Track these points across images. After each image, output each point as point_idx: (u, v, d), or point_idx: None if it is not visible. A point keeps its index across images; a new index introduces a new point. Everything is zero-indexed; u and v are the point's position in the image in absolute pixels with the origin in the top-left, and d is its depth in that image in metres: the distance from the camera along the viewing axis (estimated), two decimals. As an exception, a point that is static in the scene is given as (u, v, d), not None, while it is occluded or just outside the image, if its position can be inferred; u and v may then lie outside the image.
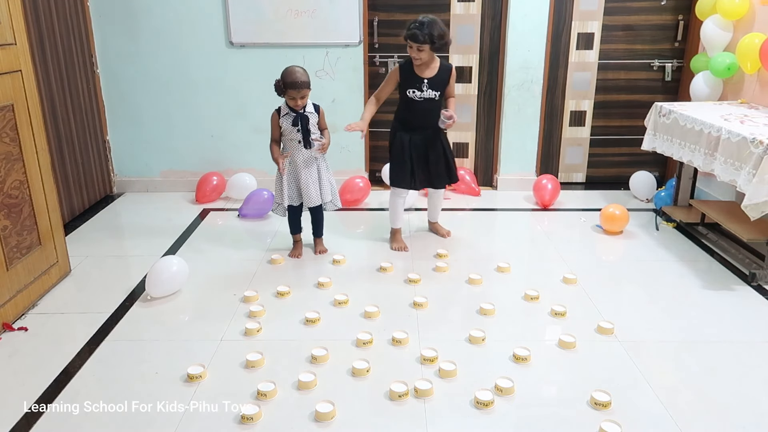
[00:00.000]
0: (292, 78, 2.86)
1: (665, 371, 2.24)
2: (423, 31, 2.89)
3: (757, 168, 2.62)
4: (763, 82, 3.48)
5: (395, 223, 3.31)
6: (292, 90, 2.87)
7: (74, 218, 3.78)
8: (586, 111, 4.38)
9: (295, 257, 3.16)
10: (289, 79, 2.86)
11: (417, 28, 2.90)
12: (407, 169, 3.14)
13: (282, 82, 2.89)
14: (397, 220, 3.29)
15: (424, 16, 2.94)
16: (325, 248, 3.23)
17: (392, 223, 3.32)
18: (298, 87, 2.87)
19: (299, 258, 3.15)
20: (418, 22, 2.92)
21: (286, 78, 2.87)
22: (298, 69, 2.89)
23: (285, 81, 2.88)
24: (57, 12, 3.57)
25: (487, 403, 2.01)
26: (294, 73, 2.87)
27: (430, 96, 3.06)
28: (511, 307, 2.68)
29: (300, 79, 2.86)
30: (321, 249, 3.23)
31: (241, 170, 4.24)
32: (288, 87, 2.87)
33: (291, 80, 2.86)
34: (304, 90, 2.89)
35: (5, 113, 2.54)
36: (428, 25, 2.90)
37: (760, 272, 2.92)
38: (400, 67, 3.10)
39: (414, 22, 2.93)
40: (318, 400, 2.01)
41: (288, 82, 2.87)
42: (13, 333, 2.48)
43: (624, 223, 3.51)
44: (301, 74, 2.88)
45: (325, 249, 3.23)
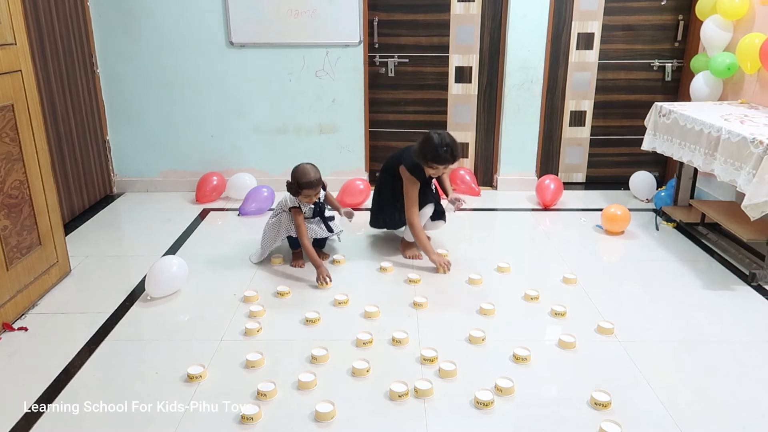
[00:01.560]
0: (306, 179, 2.84)
1: (665, 371, 2.24)
2: (454, 155, 2.88)
3: (757, 168, 2.62)
4: (763, 82, 3.48)
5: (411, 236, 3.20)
6: (308, 189, 2.86)
7: (74, 218, 3.78)
8: (586, 111, 4.38)
9: (297, 267, 3.08)
10: (304, 180, 2.84)
11: (449, 154, 2.86)
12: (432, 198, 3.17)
13: (296, 183, 2.86)
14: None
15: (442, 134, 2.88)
16: (326, 254, 3.20)
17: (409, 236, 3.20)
18: (314, 186, 2.86)
19: (302, 267, 3.08)
20: (446, 145, 2.85)
21: (301, 179, 2.85)
22: (309, 168, 2.88)
23: (300, 182, 2.85)
24: (57, 12, 3.57)
25: (487, 403, 2.01)
26: (308, 173, 2.85)
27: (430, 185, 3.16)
28: (511, 307, 2.68)
29: (314, 178, 2.86)
30: (323, 257, 3.15)
31: (241, 170, 4.24)
32: (303, 188, 2.86)
33: (306, 181, 2.84)
34: (318, 187, 2.89)
35: (5, 113, 2.54)
36: (454, 145, 2.88)
37: (760, 272, 2.92)
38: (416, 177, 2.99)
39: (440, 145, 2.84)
40: (318, 400, 2.01)
41: (303, 183, 2.85)
42: (13, 333, 2.48)
43: (625, 223, 3.51)
44: (314, 173, 2.87)
45: (327, 254, 3.19)
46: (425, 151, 2.90)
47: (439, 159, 2.88)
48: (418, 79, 4.30)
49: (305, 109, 4.22)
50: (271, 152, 4.30)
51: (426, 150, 2.89)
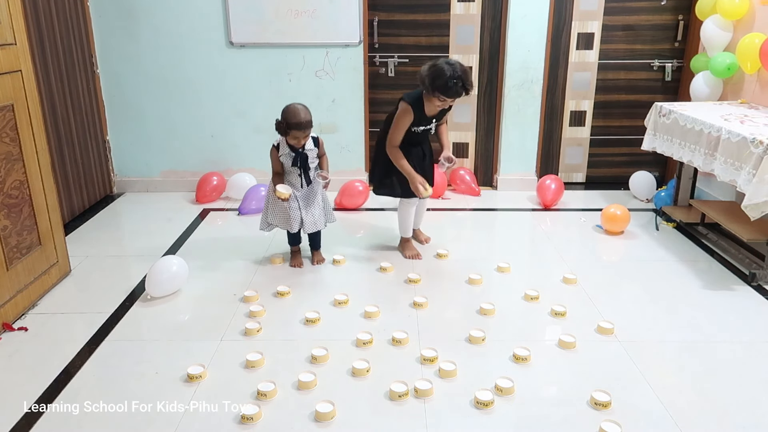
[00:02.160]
0: (296, 119, 2.76)
1: (665, 371, 2.24)
2: (465, 88, 2.74)
3: (757, 168, 2.62)
4: (763, 82, 3.48)
5: (407, 232, 3.22)
6: (296, 131, 2.78)
7: (74, 218, 3.78)
8: (586, 111, 4.38)
9: (295, 266, 3.07)
10: (294, 120, 2.76)
11: (461, 87, 2.71)
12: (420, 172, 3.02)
13: (285, 122, 2.78)
14: (408, 229, 3.21)
15: (454, 64, 2.72)
16: (323, 258, 3.14)
17: (405, 232, 3.22)
18: (303, 128, 2.77)
19: (300, 267, 3.07)
20: (457, 77, 2.68)
21: (290, 119, 2.77)
22: (301, 108, 2.79)
23: (288, 122, 2.77)
24: (57, 12, 3.57)
25: (487, 403, 2.01)
26: (297, 113, 2.76)
27: (429, 128, 2.99)
28: (511, 307, 2.68)
29: (305, 119, 2.76)
30: (319, 259, 3.13)
31: (241, 170, 4.24)
32: (292, 128, 2.77)
33: (295, 121, 2.76)
34: (308, 130, 2.81)
35: (5, 113, 2.54)
36: (465, 77, 2.72)
37: (760, 272, 2.92)
38: (413, 108, 2.85)
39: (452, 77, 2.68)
40: (318, 400, 2.01)
41: (292, 123, 2.76)
42: (13, 333, 2.48)
43: (625, 223, 3.51)
44: (305, 114, 2.78)
45: (323, 258, 3.13)
46: (434, 79, 2.71)
47: (448, 91, 2.72)
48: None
49: (305, 109, 4.22)
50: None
51: (435, 79, 2.71)
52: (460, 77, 2.71)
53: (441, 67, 2.72)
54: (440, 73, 2.71)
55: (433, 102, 2.82)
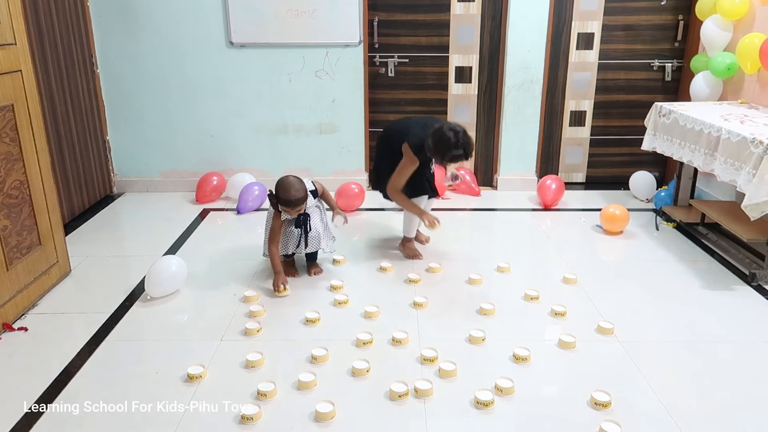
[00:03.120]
0: (286, 196, 2.66)
1: (665, 371, 2.24)
2: (467, 155, 2.80)
3: (757, 168, 2.62)
4: (763, 82, 3.48)
5: (411, 232, 3.20)
6: (286, 207, 2.69)
7: (74, 218, 3.78)
8: (586, 111, 4.38)
9: (289, 276, 2.92)
10: (284, 197, 2.66)
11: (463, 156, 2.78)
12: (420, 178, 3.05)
13: (276, 197, 2.69)
14: (413, 229, 3.20)
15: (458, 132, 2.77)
16: (320, 269, 3.01)
17: (409, 232, 3.20)
18: (293, 206, 2.68)
19: (295, 276, 2.95)
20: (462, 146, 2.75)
21: (281, 194, 2.67)
22: (294, 184, 2.68)
23: (279, 197, 2.68)
24: (57, 12, 3.57)
25: (487, 403, 2.01)
26: (289, 191, 2.66)
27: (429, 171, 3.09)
28: (511, 307, 2.68)
29: (295, 197, 2.65)
30: (316, 270, 3.00)
31: (241, 170, 4.24)
32: (282, 204, 2.69)
33: (285, 198, 2.66)
34: (300, 206, 2.70)
35: (5, 113, 2.54)
36: (468, 148, 2.79)
37: (760, 272, 2.92)
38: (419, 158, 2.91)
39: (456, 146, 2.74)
40: (318, 400, 2.01)
41: (282, 199, 2.67)
42: (13, 333, 2.48)
43: (624, 223, 3.51)
44: (296, 190, 2.66)
45: (321, 270, 3.01)
46: (440, 149, 2.79)
47: (454, 159, 2.80)
48: (418, 79, 4.30)
49: (305, 109, 4.22)
50: (271, 152, 4.30)
51: (440, 148, 2.78)
52: (463, 145, 2.78)
53: (447, 137, 2.76)
54: (446, 143, 2.76)
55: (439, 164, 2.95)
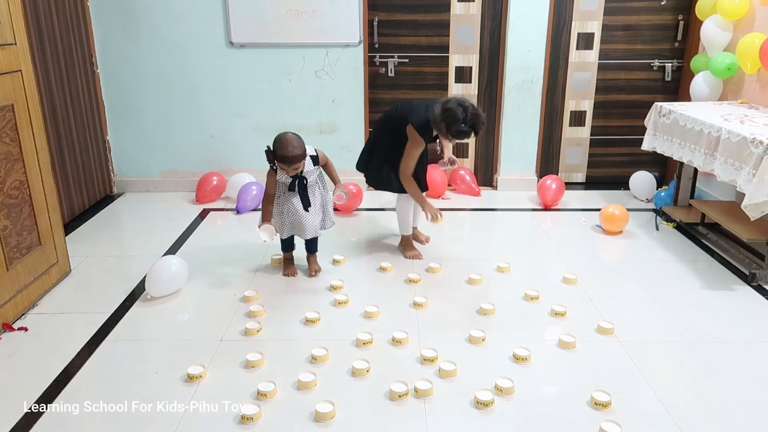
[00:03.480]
0: (282, 152, 2.60)
1: (665, 371, 2.24)
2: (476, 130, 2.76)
3: (757, 168, 2.62)
4: (763, 82, 3.48)
5: (407, 229, 3.21)
6: (282, 164, 2.64)
7: (74, 218, 3.78)
8: (586, 111, 4.38)
9: (289, 275, 2.95)
10: (280, 152, 2.61)
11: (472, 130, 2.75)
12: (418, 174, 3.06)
13: (273, 153, 2.64)
14: (408, 225, 3.20)
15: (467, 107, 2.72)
16: (319, 267, 3.01)
17: (404, 230, 3.21)
18: (289, 162, 2.62)
19: (294, 276, 2.95)
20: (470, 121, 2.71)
21: (278, 149, 2.61)
22: (292, 138, 2.62)
23: (276, 152, 2.62)
24: (57, 12, 3.57)
25: (487, 403, 2.01)
26: (286, 145, 2.60)
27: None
28: (511, 307, 2.68)
29: (292, 153, 2.59)
30: (315, 268, 2.99)
31: (241, 170, 4.24)
32: (278, 160, 2.64)
33: (282, 154, 2.60)
34: (296, 164, 2.64)
35: (5, 113, 2.54)
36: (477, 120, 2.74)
37: (760, 272, 2.92)
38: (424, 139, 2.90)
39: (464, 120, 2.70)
40: (318, 400, 2.01)
41: (279, 155, 2.61)
42: (13, 333, 2.48)
43: (623, 223, 3.51)
44: (293, 147, 2.60)
45: (319, 268, 3.00)
46: (446, 123, 2.74)
47: (460, 135, 2.78)
48: (418, 79, 4.30)
49: (305, 109, 4.22)
50: (271, 152, 4.30)
51: (447, 122, 2.74)
52: (472, 120, 2.73)
53: (455, 111, 2.71)
54: (454, 118, 2.72)
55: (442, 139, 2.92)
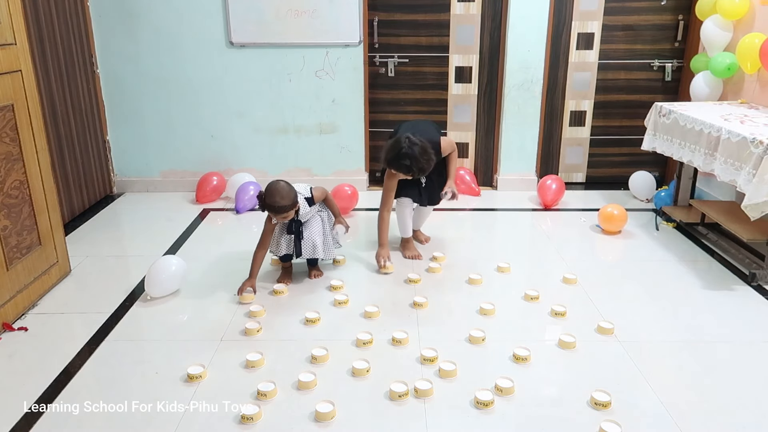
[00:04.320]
0: (270, 201, 2.58)
1: (665, 371, 2.24)
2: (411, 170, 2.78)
3: (757, 168, 2.62)
4: (763, 82, 3.48)
5: (406, 232, 3.22)
6: (271, 213, 2.65)
7: (74, 218, 3.78)
8: (586, 111, 4.38)
9: (283, 282, 2.87)
10: (268, 202, 2.59)
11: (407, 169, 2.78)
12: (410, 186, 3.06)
13: (262, 200, 2.62)
14: (407, 229, 3.21)
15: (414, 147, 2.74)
16: (321, 272, 2.96)
17: (403, 232, 3.22)
18: (277, 212, 2.61)
19: (287, 284, 2.86)
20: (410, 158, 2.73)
21: (266, 199, 2.60)
22: (282, 190, 2.59)
23: (265, 201, 2.61)
24: (57, 12, 3.57)
25: (487, 403, 2.01)
26: (274, 196, 2.58)
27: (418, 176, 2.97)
28: (511, 307, 2.68)
29: (279, 204, 2.57)
30: (317, 273, 2.95)
31: (241, 170, 4.24)
32: (267, 209, 2.64)
33: (270, 203, 2.59)
34: (284, 214, 2.63)
35: (5, 113, 2.54)
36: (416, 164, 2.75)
37: (760, 272, 2.92)
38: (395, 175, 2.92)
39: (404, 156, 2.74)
40: (318, 400, 2.01)
41: (267, 203, 2.60)
42: (13, 333, 2.48)
43: (622, 222, 3.51)
44: (281, 197, 2.57)
45: (321, 273, 2.96)
46: (388, 152, 2.83)
47: (398, 168, 2.82)
48: (418, 79, 4.30)
49: (305, 109, 4.22)
50: (271, 152, 4.30)
51: (388, 154, 2.82)
52: (412, 157, 2.74)
53: (399, 143, 2.77)
54: (395, 149, 2.77)
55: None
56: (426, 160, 2.80)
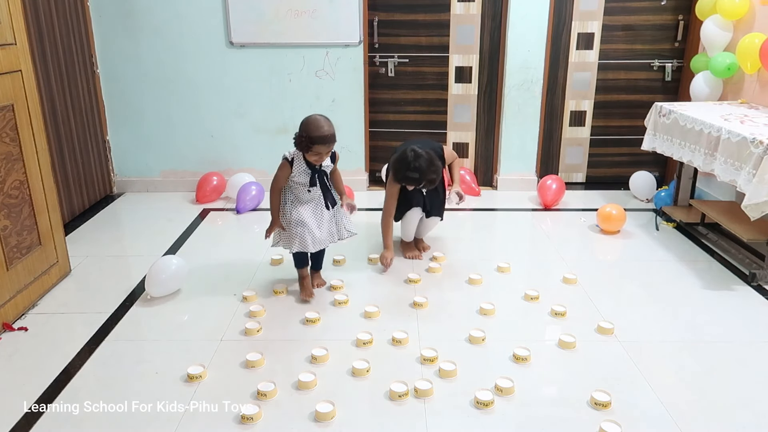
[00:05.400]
0: (319, 132, 2.44)
1: (665, 371, 2.24)
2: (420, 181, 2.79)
3: (757, 168, 2.62)
4: (763, 82, 3.48)
5: (407, 237, 3.21)
6: (320, 145, 2.47)
7: (74, 218, 3.78)
8: (586, 111, 4.38)
9: (307, 298, 2.72)
10: (317, 133, 2.44)
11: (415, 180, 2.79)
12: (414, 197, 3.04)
13: (306, 136, 2.45)
14: (409, 234, 3.20)
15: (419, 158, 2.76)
16: (323, 281, 2.89)
17: (405, 237, 3.22)
18: (328, 141, 2.48)
19: (312, 298, 2.73)
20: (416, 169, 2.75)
21: (312, 131, 2.44)
22: (323, 120, 2.49)
23: (311, 135, 2.44)
24: (57, 12, 3.57)
25: (487, 403, 2.01)
26: (321, 125, 2.46)
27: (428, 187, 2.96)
28: (511, 307, 2.68)
29: (329, 132, 2.47)
30: (319, 282, 2.87)
31: (241, 170, 4.24)
32: (316, 142, 2.45)
33: (319, 134, 2.44)
34: (333, 144, 2.52)
35: (5, 113, 2.54)
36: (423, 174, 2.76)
37: (760, 272, 2.92)
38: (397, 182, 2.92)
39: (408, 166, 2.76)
40: (318, 400, 2.01)
41: (315, 136, 2.44)
42: (13, 333, 2.48)
43: (621, 222, 3.51)
44: (329, 126, 2.48)
45: (324, 282, 2.88)
46: (395, 166, 2.85)
47: (407, 180, 2.84)
48: (418, 79, 4.30)
49: (305, 109, 4.20)
50: (271, 152, 4.29)
51: (395, 166, 2.85)
52: (418, 169, 2.76)
53: (405, 156, 2.79)
54: (402, 161, 2.80)
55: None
56: (434, 170, 2.82)
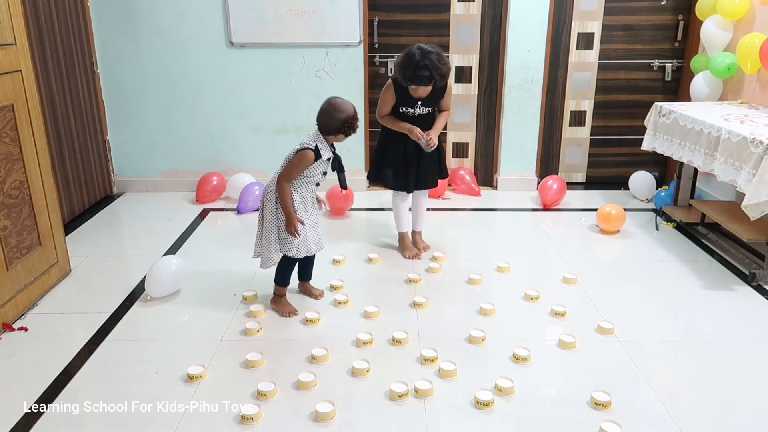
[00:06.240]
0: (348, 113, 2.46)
1: (665, 371, 2.24)
2: (432, 77, 2.69)
3: (757, 168, 2.62)
4: (763, 82, 3.48)
5: (401, 226, 3.21)
6: (356, 121, 2.50)
7: (74, 218, 3.78)
8: (586, 111, 4.38)
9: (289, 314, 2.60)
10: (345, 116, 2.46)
11: (426, 77, 2.67)
12: (404, 173, 3.03)
13: (340, 119, 2.45)
14: (403, 223, 3.20)
15: (425, 50, 2.66)
16: (322, 291, 2.79)
17: (398, 227, 3.21)
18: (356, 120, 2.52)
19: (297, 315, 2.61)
20: (425, 66, 2.64)
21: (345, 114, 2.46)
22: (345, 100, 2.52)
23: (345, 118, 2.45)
24: (57, 12, 3.57)
25: (487, 403, 2.01)
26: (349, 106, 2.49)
27: (422, 113, 2.93)
28: (511, 307, 2.68)
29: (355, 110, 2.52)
30: (318, 292, 2.78)
31: (241, 170, 4.24)
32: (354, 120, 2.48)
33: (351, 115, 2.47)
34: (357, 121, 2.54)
35: (5, 113, 2.54)
36: (434, 69, 2.66)
37: (760, 272, 2.92)
38: (394, 84, 2.88)
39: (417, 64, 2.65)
40: (318, 400, 2.01)
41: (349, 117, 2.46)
42: (13, 333, 2.48)
43: (620, 222, 3.51)
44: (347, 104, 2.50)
45: (321, 291, 2.79)
46: (402, 65, 2.71)
47: (416, 80, 2.70)
48: (418, 79, 4.29)
49: (305, 109, 4.22)
50: (271, 152, 4.29)
51: (403, 64, 2.70)
52: (427, 65, 2.65)
53: (412, 53, 2.69)
54: (410, 60, 2.69)
55: (411, 91, 2.83)
56: (444, 63, 2.71)
